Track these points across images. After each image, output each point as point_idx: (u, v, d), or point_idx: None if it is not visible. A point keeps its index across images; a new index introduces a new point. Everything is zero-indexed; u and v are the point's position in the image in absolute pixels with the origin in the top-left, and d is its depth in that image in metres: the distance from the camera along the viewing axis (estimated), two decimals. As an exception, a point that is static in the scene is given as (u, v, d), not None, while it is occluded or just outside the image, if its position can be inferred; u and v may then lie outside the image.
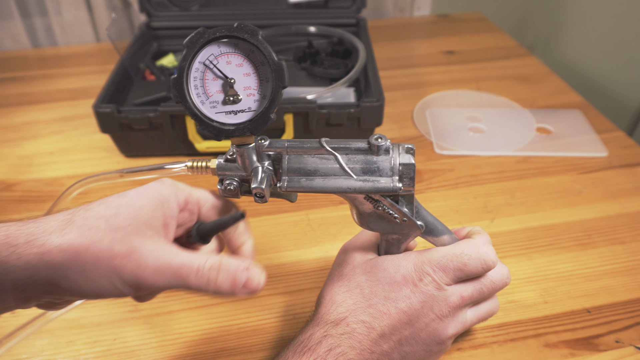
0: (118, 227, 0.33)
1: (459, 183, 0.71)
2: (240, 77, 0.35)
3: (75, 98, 0.93)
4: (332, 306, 0.41)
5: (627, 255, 0.59)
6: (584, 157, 0.76)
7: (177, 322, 0.53)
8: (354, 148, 0.38)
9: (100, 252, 0.32)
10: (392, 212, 0.40)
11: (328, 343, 0.39)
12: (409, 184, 0.38)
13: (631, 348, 0.49)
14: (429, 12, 1.30)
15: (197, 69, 0.35)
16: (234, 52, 0.35)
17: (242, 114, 0.36)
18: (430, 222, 0.43)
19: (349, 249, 0.46)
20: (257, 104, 0.36)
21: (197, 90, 0.36)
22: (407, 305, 0.40)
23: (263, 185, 0.37)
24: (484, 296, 0.43)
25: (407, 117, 0.86)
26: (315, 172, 0.38)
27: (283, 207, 0.67)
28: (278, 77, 0.35)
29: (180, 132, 0.73)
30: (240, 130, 0.36)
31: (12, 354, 0.50)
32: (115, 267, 0.32)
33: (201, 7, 0.97)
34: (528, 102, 0.89)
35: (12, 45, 1.14)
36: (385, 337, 0.40)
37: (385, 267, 0.42)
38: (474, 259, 0.42)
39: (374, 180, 0.37)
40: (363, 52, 0.83)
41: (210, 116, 0.36)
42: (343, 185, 0.38)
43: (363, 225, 0.42)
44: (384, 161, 0.38)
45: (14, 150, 0.80)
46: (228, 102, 0.36)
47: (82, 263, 0.32)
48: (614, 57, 1.09)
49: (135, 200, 0.35)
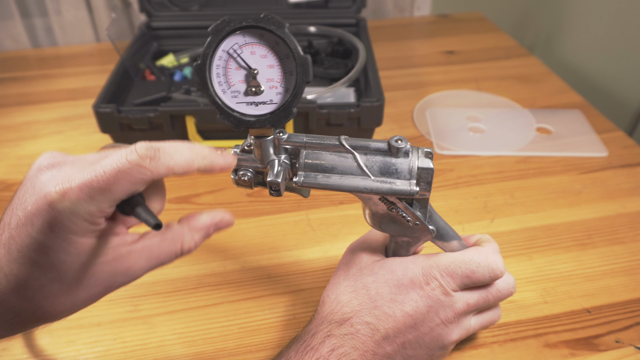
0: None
1: (459, 183, 0.71)
2: (264, 68, 0.35)
3: (75, 98, 0.93)
4: (337, 306, 0.41)
5: (627, 255, 0.59)
6: (584, 157, 0.76)
7: (177, 322, 0.53)
8: (373, 148, 0.37)
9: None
10: (406, 215, 0.40)
11: (331, 343, 0.38)
12: (425, 188, 0.38)
13: (631, 348, 0.49)
14: (429, 12, 1.30)
15: (221, 57, 0.35)
16: (259, 43, 0.34)
17: (263, 106, 0.35)
18: (442, 228, 0.43)
19: (357, 249, 0.46)
20: (279, 97, 0.35)
21: (219, 78, 0.35)
22: (413, 309, 0.40)
23: (279, 179, 0.37)
24: (489, 304, 0.43)
25: (407, 117, 0.86)
26: (333, 170, 0.38)
27: (283, 207, 0.67)
28: (303, 72, 0.34)
29: (180, 132, 0.73)
30: (261, 122, 0.35)
31: (12, 354, 0.50)
32: None
33: (201, 7, 0.97)
34: (528, 102, 0.89)
35: (12, 45, 1.14)
36: (389, 339, 0.40)
37: (393, 270, 0.42)
38: (482, 267, 0.41)
39: (392, 182, 0.37)
40: (363, 52, 0.83)
41: (231, 106, 0.35)
42: (360, 185, 0.37)
43: (375, 226, 0.42)
44: (403, 164, 0.37)
45: (14, 150, 0.80)
46: (250, 93, 0.35)
47: None
48: (614, 57, 1.09)
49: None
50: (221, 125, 0.69)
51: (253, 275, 0.58)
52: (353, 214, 0.65)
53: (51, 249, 0.31)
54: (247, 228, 0.64)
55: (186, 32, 0.95)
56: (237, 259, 0.60)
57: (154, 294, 0.55)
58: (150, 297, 0.55)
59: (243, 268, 0.59)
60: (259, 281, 0.57)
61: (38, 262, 0.31)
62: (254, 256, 0.60)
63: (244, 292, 0.56)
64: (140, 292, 0.56)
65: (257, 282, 0.57)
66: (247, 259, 0.60)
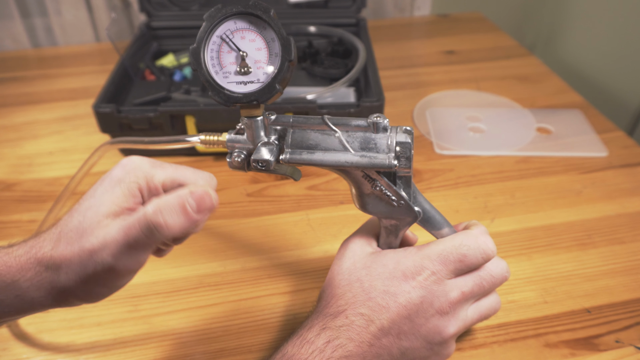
0: (84, 232, 0.35)
1: (459, 183, 0.71)
2: (253, 51, 0.38)
3: (75, 98, 0.93)
4: (332, 299, 0.42)
5: (627, 255, 0.59)
6: (584, 157, 0.76)
7: (177, 322, 0.53)
8: (354, 125, 0.40)
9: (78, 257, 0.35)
10: (390, 194, 0.41)
11: (327, 335, 0.39)
12: (405, 164, 0.39)
13: (631, 348, 0.49)
14: (429, 12, 1.30)
15: (215, 42, 0.38)
16: (248, 29, 0.38)
17: (251, 85, 0.39)
18: (427, 210, 0.44)
19: (350, 243, 0.46)
20: (265, 75, 0.38)
21: (213, 61, 0.38)
22: (406, 300, 0.40)
23: (267, 157, 0.40)
24: (484, 291, 0.43)
25: (407, 117, 0.86)
26: (317, 147, 0.40)
27: (283, 207, 0.67)
28: (285, 50, 0.37)
29: (180, 132, 0.73)
30: (247, 97, 0.38)
31: (12, 353, 0.50)
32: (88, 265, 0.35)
33: (201, 7, 0.97)
34: (528, 102, 0.89)
35: (12, 45, 1.14)
36: (384, 330, 0.40)
37: (385, 263, 0.42)
38: (472, 249, 0.41)
39: (371, 156, 0.39)
40: (363, 52, 0.83)
41: (222, 85, 0.39)
42: (341, 159, 0.39)
43: (362, 207, 0.43)
44: (382, 139, 0.39)
45: (14, 150, 0.80)
46: (240, 73, 0.38)
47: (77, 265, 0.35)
48: (614, 57, 1.09)
49: (96, 199, 0.36)
50: (221, 124, 0.69)
51: (253, 275, 0.58)
52: (353, 214, 0.65)
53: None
54: (247, 228, 0.64)
55: (186, 32, 0.95)
56: (237, 259, 0.60)
57: (154, 294, 0.55)
58: (150, 297, 0.55)
59: (243, 268, 0.59)
60: (259, 281, 0.57)
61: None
62: (254, 256, 0.60)
63: (244, 292, 0.56)
64: (140, 292, 0.56)
65: (257, 282, 0.57)
66: (247, 259, 0.60)
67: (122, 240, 0.34)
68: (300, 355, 0.38)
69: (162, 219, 0.33)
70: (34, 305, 0.36)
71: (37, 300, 0.36)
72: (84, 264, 0.34)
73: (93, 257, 0.34)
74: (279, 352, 0.39)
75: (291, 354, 0.38)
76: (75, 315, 0.54)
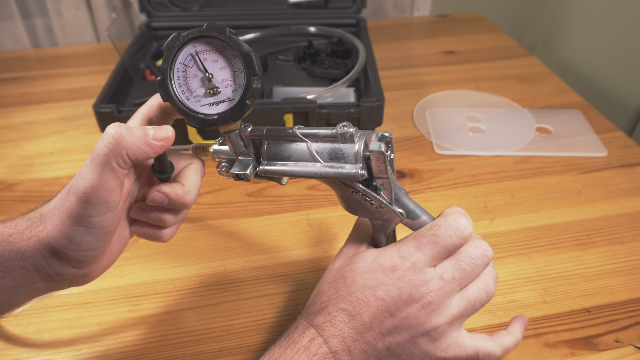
0: (68, 211, 0.37)
1: (458, 183, 0.71)
2: (217, 71, 0.39)
3: (75, 98, 0.94)
4: (317, 297, 0.42)
5: (627, 255, 0.59)
6: (583, 157, 0.76)
7: (177, 321, 0.53)
8: (322, 135, 0.40)
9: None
10: (369, 199, 0.41)
11: (311, 333, 0.39)
12: (378, 170, 0.39)
13: (631, 348, 0.49)
14: (429, 12, 1.30)
15: (179, 69, 0.39)
16: (209, 50, 0.38)
17: (222, 104, 0.39)
18: (411, 210, 0.42)
19: (344, 246, 0.46)
20: (234, 93, 0.39)
21: (181, 87, 0.39)
22: (384, 293, 0.39)
23: (244, 171, 0.41)
24: (466, 275, 0.40)
25: (407, 117, 0.86)
26: (289, 158, 0.41)
27: (283, 207, 0.67)
28: (248, 66, 0.38)
29: (180, 132, 0.73)
30: (222, 118, 0.39)
31: (12, 353, 0.50)
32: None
33: (201, 7, 0.97)
34: (528, 102, 0.89)
35: (12, 45, 1.14)
36: (365, 325, 0.39)
37: (366, 258, 0.42)
38: (443, 228, 0.40)
39: (339, 166, 0.39)
40: (363, 52, 0.83)
41: (196, 109, 0.39)
42: (311, 170, 0.40)
43: (347, 209, 0.43)
44: (349, 149, 0.39)
45: (15, 150, 0.80)
46: (209, 94, 0.39)
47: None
48: (614, 57, 1.09)
49: (81, 178, 0.37)
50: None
51: (253, 275, 0.58)
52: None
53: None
54: (247, 228, 0.64)
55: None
56: (237, 259, 0.60)
57: (154, 294, 0.56)
58: (150, 297, 0.55)
59: (243, 268, 0.59)
60: (259, 281, 0.57)
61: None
62: (254, 256, 0.60)
63: (244, 292, 0.56)
64: (140, 292, 0.56)
65: (257, 282, 0.57)
66: (247, 259, 0.60)
67: (90, 161, 0.36)
68: (287, 355, 0.38)
69: (124, 130, 0.36)
70: (32, 278, 0.38)
71: (33, 264, 0.38)
72: (63, 201, 0.37)
73: (69, 190, 0.37)
74: (266, 354, 0.39)
75: (278, 355, 0.38)
76: (75, 315, 0.54)
